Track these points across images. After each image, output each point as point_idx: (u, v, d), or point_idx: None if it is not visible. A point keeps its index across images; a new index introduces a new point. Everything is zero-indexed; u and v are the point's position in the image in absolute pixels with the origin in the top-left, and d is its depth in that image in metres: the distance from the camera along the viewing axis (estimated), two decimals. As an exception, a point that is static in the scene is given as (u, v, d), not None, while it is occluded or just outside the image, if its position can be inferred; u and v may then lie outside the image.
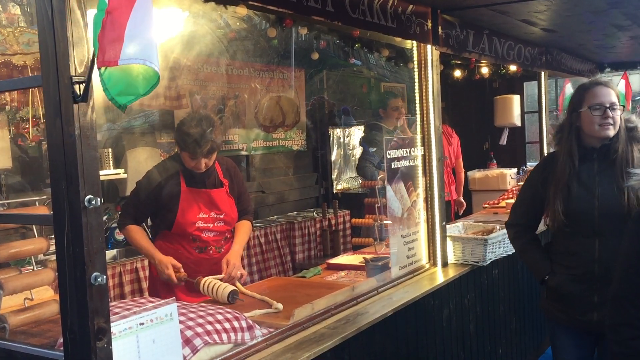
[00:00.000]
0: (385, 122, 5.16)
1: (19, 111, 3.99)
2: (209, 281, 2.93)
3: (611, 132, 2.63)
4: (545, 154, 2.96)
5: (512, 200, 5.51)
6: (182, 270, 3.04)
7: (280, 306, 2.67)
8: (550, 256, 2.82)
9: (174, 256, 3.10)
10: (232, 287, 2.89)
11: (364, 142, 5.23)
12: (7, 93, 3.89)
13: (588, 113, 2.64)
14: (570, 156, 2.68)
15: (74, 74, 1.52)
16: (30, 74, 3.52)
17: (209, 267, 3.21)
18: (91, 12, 1.55)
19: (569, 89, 6.57)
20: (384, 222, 3.71)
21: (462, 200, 6.11)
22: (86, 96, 1.52)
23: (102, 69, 1.49)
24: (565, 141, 2.72)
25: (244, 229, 3.36)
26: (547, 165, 2.83)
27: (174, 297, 1.98)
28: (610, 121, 2.62)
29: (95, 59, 1.52)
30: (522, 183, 6.15)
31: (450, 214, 5.67)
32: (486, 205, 5.81)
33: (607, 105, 2.62)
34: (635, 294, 1.89)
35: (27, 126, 4.03)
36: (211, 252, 3.23)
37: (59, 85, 1.53)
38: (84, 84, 1.52)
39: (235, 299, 2.84)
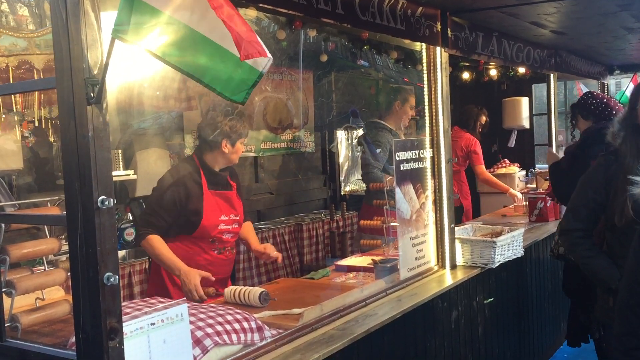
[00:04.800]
0: (390, 120, 4.69)
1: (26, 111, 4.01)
2: (234, 289, 2.91)
3: None
4: (602, 154, 2.80)
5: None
6: (212, 277, 3.01)
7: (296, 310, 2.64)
8: (617, 264, 2.67)
9: (191, 259, 3.10)
10: (261, 289, 2.88)
11: (368, 144, 4.92)
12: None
13: None
14: (638, 153, 2.58)
15: (87, 76, 1.53)
16: (43, 76, 3.55)
17: (225, 268, 3.30)
18: (105, 15, 1.57)
19: (584, 89, 6.57)
20: (392, 224, 3.70)
21: None
22: (100, 98, 1.54)
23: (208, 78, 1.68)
24: (630, 138, 2.63)
25: (253, 229, 3.56)
26: (610, 165, 2.69)
27: (184, 298, 2.00)
28: None
29: (108, 61, 1.53)
30: (531, 185, 6.16)
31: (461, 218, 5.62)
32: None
33: None
34: (639, 305, 1.91)
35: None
36: (227, 252, 3.31)
37: (73, 87, 1.54)
38: (97, 86, 1.53)
39: (267, 300, 2.83)
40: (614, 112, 3.68)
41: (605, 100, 3.76)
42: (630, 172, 2.54)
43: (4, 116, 3.86)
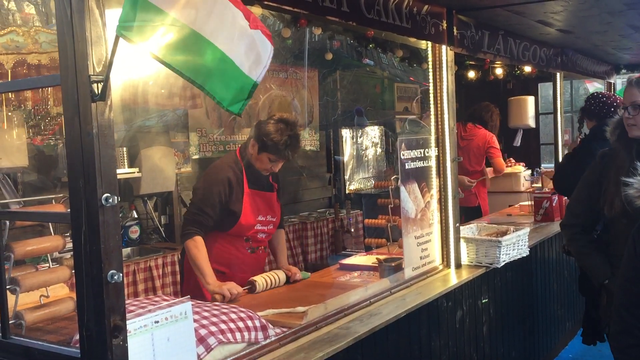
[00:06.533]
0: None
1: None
2: (262, 279, 3.09)
3: (635, 131, 2.66)
4: (599, 153, 2.93)
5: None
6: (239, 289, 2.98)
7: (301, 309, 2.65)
8: (610, 260, 2.75)
9: (224, 256, 3.13)
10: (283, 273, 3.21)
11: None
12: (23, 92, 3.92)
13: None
14: (629, 150, 2.67)
15: (92, 73, 1.53)
16: (43, 73, 3.54)
17: (257, 267, 3.29)
18: (110, 12, 1.57)
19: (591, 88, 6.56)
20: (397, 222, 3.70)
21: None
22: (104, 95, 1.53)
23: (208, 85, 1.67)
24: (623, 136, 2.73)
25: (284, 242, 3.54)
26: (605, 162, 2.80)
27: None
28: (631, 122, 2.65)
29: (113, 58, 1.53)
30: (537, 185, 6.14)
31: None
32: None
33: (627, 105, 2.67)
34: (634, 304, 1.93)
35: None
36: (260, 252, 3.30)
37: (77, 84, 1.54)
38: (102, 83, 1.53)
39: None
40: (613, 109, 3.87)
41: (603, 99, 3.98)
42: (623, 166, 2.62)
43: (10, 114, 3.87)
